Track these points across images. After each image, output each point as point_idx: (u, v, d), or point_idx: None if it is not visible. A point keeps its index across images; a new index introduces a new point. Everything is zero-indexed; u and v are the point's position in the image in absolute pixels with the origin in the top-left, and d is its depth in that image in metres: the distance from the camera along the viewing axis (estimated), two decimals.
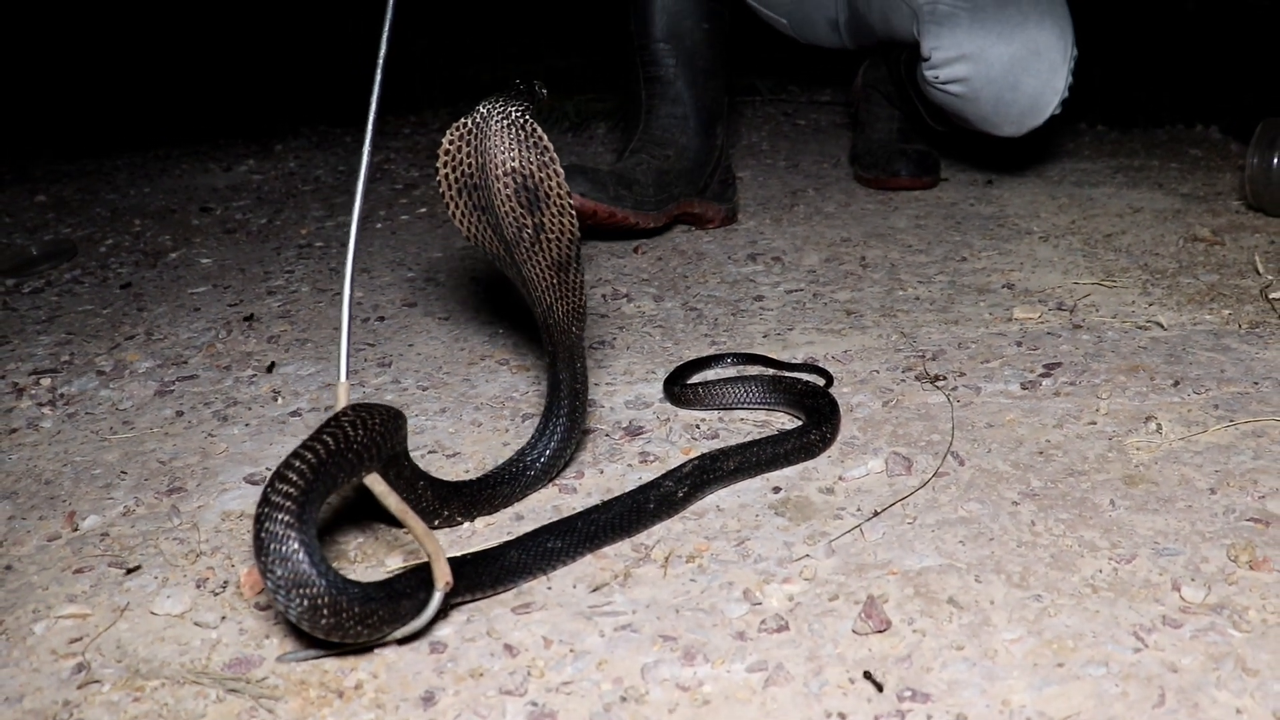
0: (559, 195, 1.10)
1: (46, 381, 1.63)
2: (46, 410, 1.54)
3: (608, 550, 1.06)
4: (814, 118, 3.28)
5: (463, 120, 1.10)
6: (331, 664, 0.92)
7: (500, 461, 1.21)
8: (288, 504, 0.87)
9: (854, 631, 0.90)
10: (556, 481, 1.20)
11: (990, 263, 1.87)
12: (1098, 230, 2.03)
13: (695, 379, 1.44)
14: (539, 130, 1.10)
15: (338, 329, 1.75)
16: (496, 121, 1.09)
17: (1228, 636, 0.87)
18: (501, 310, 1.77)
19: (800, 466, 1.20)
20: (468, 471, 1.25)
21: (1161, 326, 1.54)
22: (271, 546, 0.87)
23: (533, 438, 1.18)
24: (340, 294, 1.91)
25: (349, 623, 0.88)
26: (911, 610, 0.93)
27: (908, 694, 0.83)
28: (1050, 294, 1.70)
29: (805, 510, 1.11)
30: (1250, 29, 3.32)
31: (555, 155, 1.11)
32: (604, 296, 1.80)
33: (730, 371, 1.48)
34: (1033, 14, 2.05)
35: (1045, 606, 0.92)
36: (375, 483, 0.98)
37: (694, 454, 1.24)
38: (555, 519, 1.10)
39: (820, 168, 2.64)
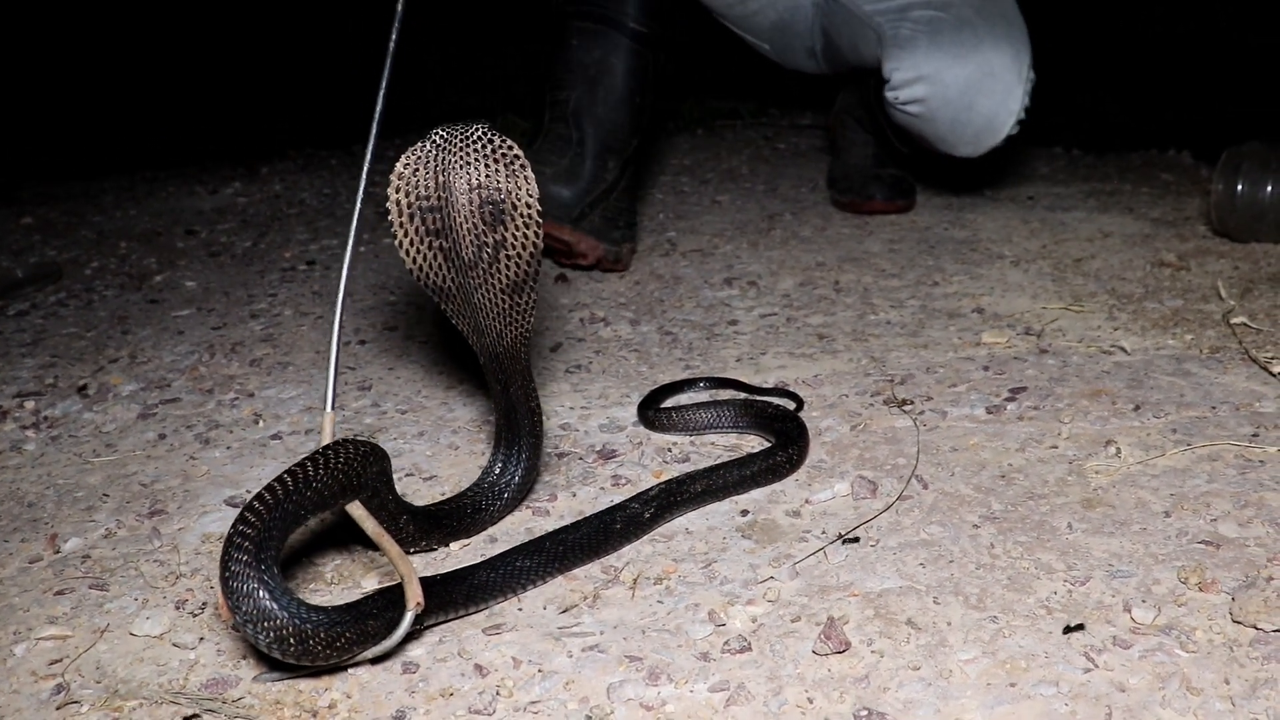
0: (525, 207, 1.11)
1: (30, 404, 1.65)
2: (30, 433, 1.56)
3: (578, 572, 1.09)
4: (794, 141, 3.31)
5: (419, 144, 1.10)
6: (306, 684, 0.94)
7: (473, 486, 1.23)
8: (246, 544, 0.91)
9: (814, 652, 0.93)
10: (529, 504, 1.23)
11: (961, 287, 1.91)
12: (1068, 255, 2.07)
13: (669, 403, 1.47)
14: (508, 141, 1.11)
15: (320, 352, 1.78)
16: (459, 141, 1.09)
17: (1175, 657, 0.90)
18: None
19: (768, 489, 1.23)
20: (444, 494, 1.27)
21: (1125, 351, 1.58)
22: (234, 585, 0.91)
23: (499, 463, 1.20)
24: (326, 319, 1.94)
25: (316, 648, 0.91)
26: (871, 631, 0.96)
27: (864, 713, 0.85)
28: (1019, 318, 1.74)
29: (772, 533, 1.14)
30: (1221, 55, 3.38)
31: (526, 163, 1.11)
32: (581, 320, 1.83)
33: (703, 396, 1.50)
34: (988, 37, 2.10)
35: (1000, 628, 0.95)
36: (355, 508, 1.01)
37: (665, 477, 1.27)
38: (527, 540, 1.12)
39: (798, 191, 2.68)
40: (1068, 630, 0.94)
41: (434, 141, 1.09)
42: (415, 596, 0.94)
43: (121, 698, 0.95)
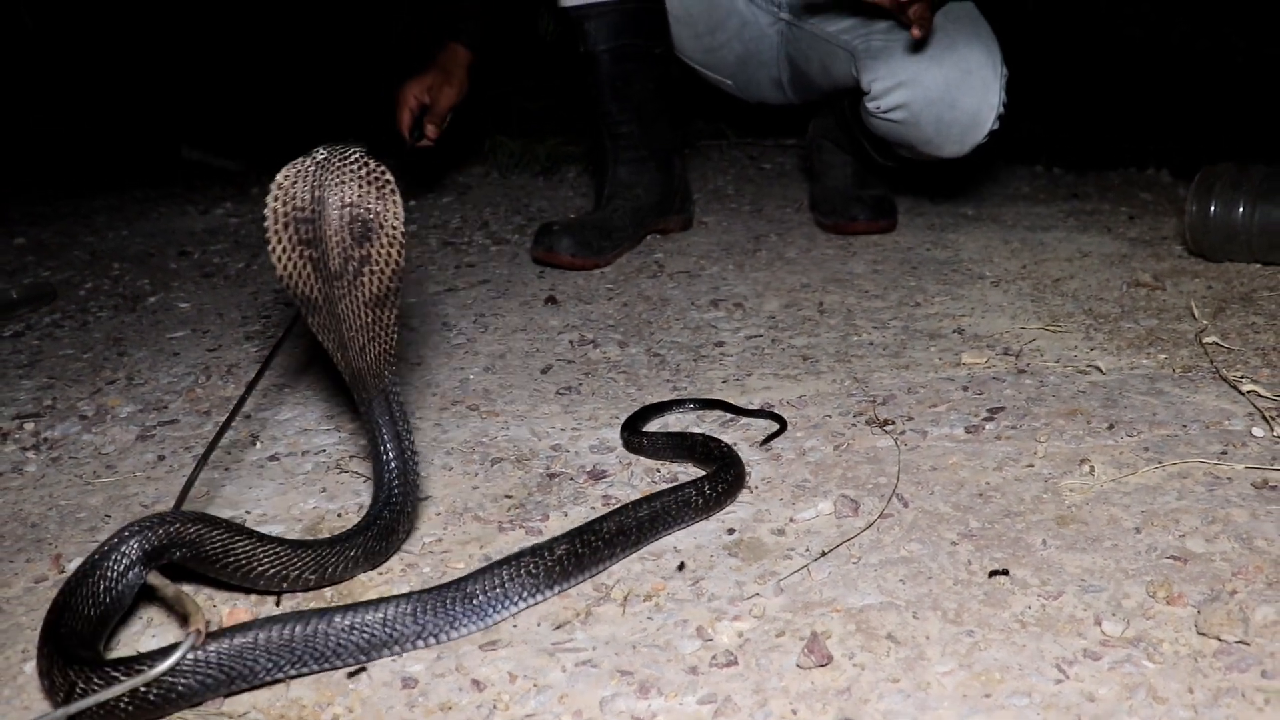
0: (391, 228, 1.16)
1: (30, 426, 1.68)
2: (31, 454, 1.59)
3: (570, 590, 1.12)
4: (779, 161, 3.37)
5: (301, 159, 1.15)
6: (309, 698, 0.98)
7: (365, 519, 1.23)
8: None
9: (798, 666, 0.97)
10: (523, 524, 1.27)
11: (942, 308, 1.95)
12: (1047, 275, 2.12)
13: (653, 425, 1.51)
14: (381, 166, 1.16)
15: (316, 375, 1.81)
16: (337, 159, 1.15)
17: (1142, 667, 0.94)
18: (471, 357, 1.84)
19: (753, 509, 1.27)
20: (439, 514, 1.31)
21: (1101, 371, 1.62)
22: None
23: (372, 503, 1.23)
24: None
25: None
26: (853, 645, 1.00)
27: None
28: (998, 339, 1.78)
29: (757, 551, 1.18)
30: (1199, 73, 3.44)
31: (395, 188, 1.16)
32: (571, 343, 1.87)
33: (690, 418, 1.55)
34: (960, 38, 2.16)
35: (976, 641, 0.99)
36: (154, 578, 1.08)
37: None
38: None
39: (783, 212, 2.73)
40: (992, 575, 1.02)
41: (314, 158, 1.15)
42: (197, 624, 0.98)
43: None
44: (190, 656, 0.97)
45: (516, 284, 2.24)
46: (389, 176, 1.17)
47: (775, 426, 1.48)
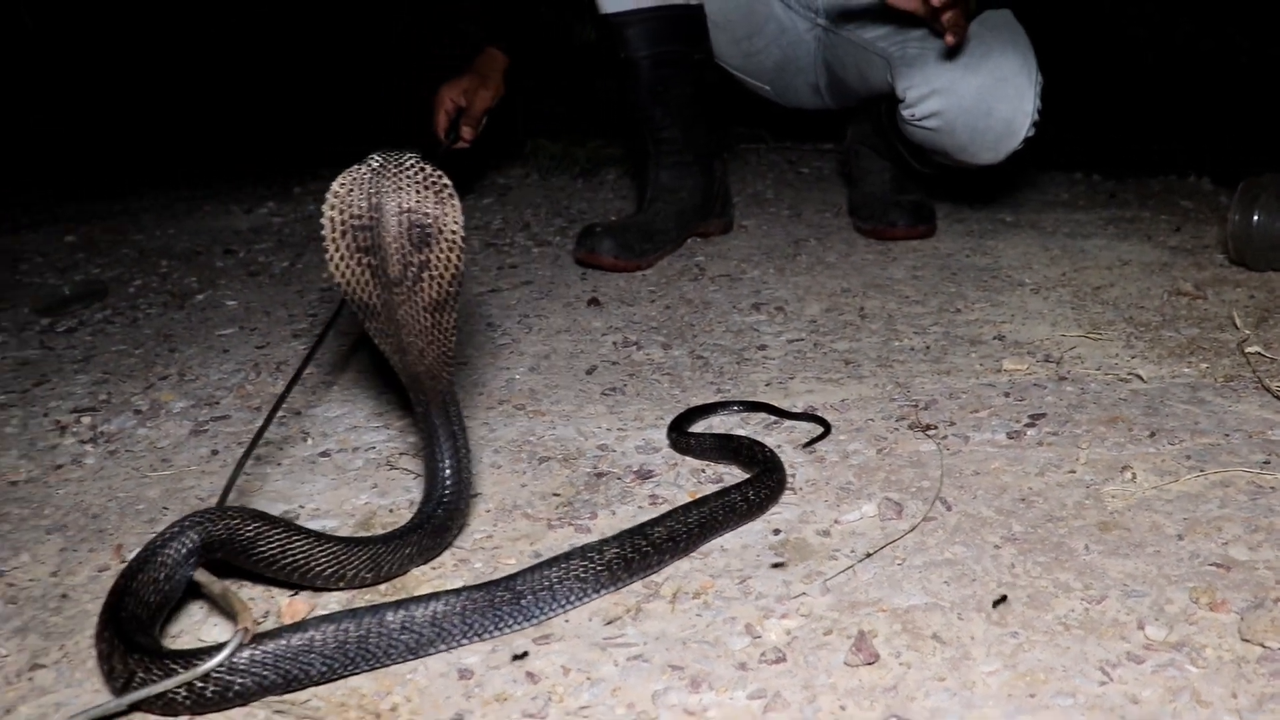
0: (451, 233, 1.17)
1: (87, 419, 1.72)
2: (89, 447, 1.63)
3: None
4: (817, 165, 3.38)
5: (356, 167, 1.17)
6: (368, 687, 1.01)
7: (419, 516, 1.25)
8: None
9: (845, 663, 0.99)
10: (571, 521, 1.29)
11: (983, 314, 1.96)
12: (1087, 283, 2.13)
13: (699, 426, 1.53)
14: (438, 171, 1.18)
15: (363, 373, 1.85)
16: (393, 167, 1.16)
17: (1185, 672, 0.96)
18: (517, 357, 1.87)
19: (798, 510, 1.29)
20: (489, 511, 1.34)
21: (1142, 379, 1.63)
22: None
23: (423, 498, 1.25)
24: (366, 340, 2.00)
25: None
26: (899, 645, 1.02)
27: (893, 719, 0.92)
28: (1039, 346, 1.80)
29: (803, 551, 1.20)
30: (1242, 81, 3.43)
31: (453, 192, 1.18)
32: (614, 344, 1.90)
33: (724, 425, 1.57)
34: (995, 45, 2.17)
35: (1021, 642, 1.01)
36: (200, 575, 1.11)
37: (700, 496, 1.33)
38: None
39: (822, 217, 2.74)
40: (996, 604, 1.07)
41: (370, 165, 1.16)
42: (246, 622, 1.00)
43: None
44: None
45: (559, 285, 2.27)
46: (446, 181, 1.18)
47: (820, 429, 1.50)
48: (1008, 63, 2.16)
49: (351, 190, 1.16)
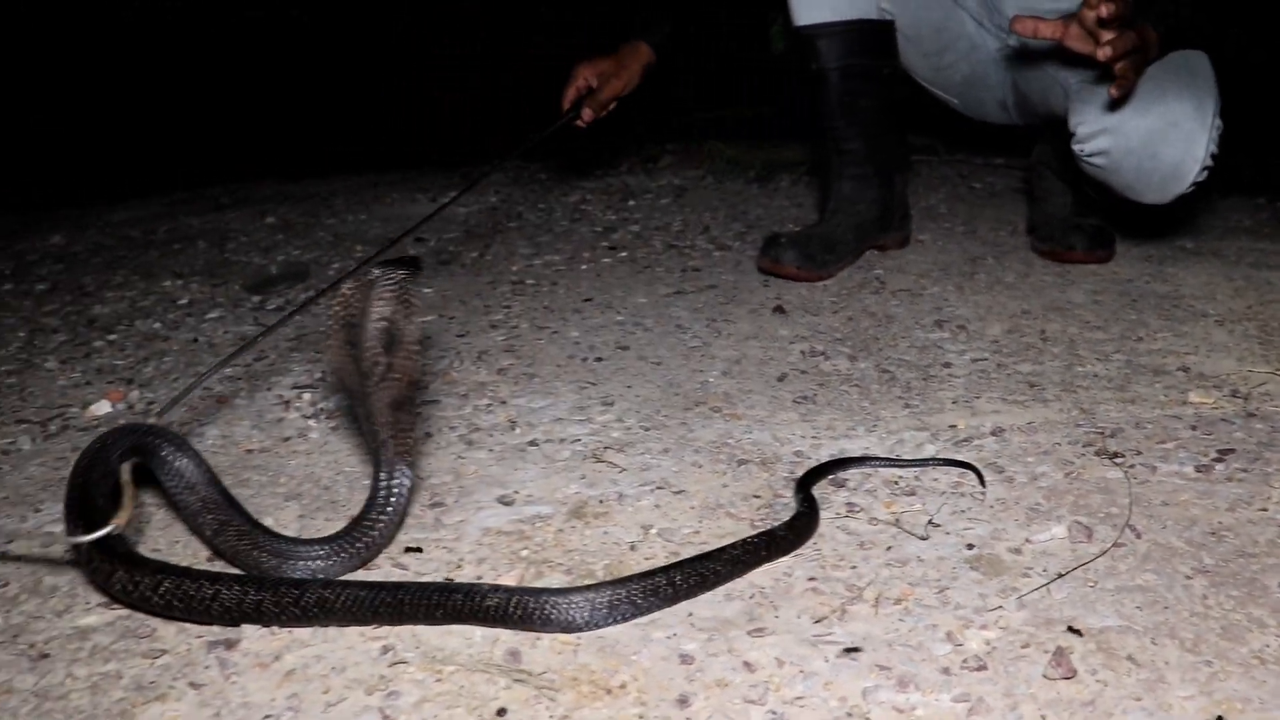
0: (410, 343, 1.38)
1: (307, 396, 1.88)
2: (312, 422, 1.78)
3: (823, 586, 1.23)
4: (989, 181, 3.39)
5: (360, 276, 1.40)
6: (597, 665, 1.11)
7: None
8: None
9: (1044, 676, 1.06)
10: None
11: (1166, 344, 1.98)
12: (1275, 317, 2.12)
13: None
14: (412, 291, 1.39)
15: (560, 365, 1.96)
16: (383, 280, 1.38)
17: None
18: (709, 360, 1.96)
19: (990, 527, 1.36)
20: (694, 508, 1.43)
21: None
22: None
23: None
24: (562, 333, 2.13)
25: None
26: (1094, 663, 1.08)
27: None
28: (1225, 380, 1.81)
29: (997, 567, 1.27)
30: (1256, 85, 3.30)
31: (414, 311, 1.39)
32: (802, 353, 1.98)
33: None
34: (1172, 88, 2.16)
35: (1215, 671, 1.06)
36: (124, 473, 1.33)
37: (894, 508, 1.41)
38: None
39: (998, 235, 2.77)
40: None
41: (369, 276, 1.40)
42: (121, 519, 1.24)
43: (439, 663, 1.13)
44: None
45: (743, 291, 2.36)
46: (410, 294, 1.39)
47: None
48: (1181, 106, 2.16)
49: (354, 294, 1.40)
